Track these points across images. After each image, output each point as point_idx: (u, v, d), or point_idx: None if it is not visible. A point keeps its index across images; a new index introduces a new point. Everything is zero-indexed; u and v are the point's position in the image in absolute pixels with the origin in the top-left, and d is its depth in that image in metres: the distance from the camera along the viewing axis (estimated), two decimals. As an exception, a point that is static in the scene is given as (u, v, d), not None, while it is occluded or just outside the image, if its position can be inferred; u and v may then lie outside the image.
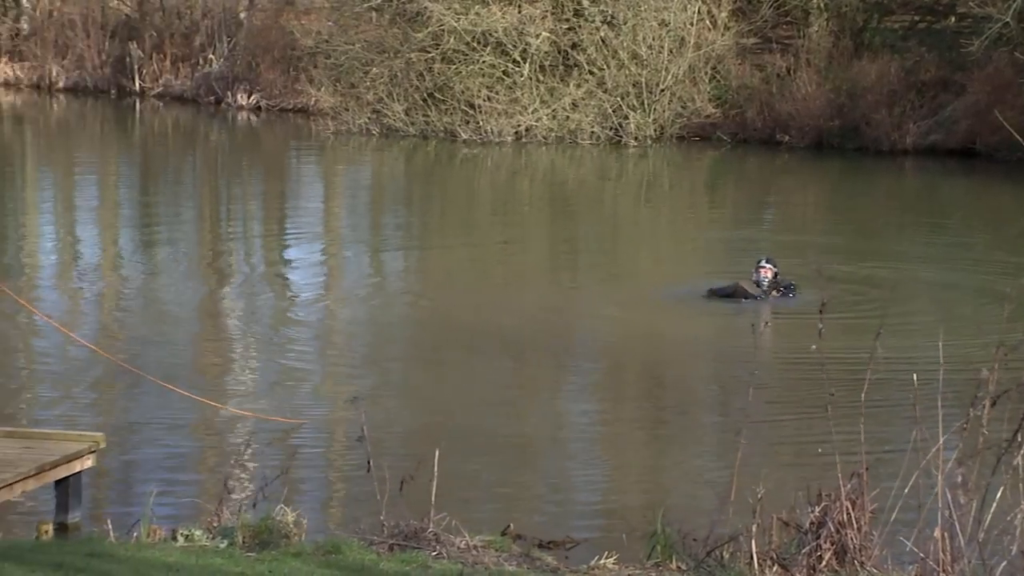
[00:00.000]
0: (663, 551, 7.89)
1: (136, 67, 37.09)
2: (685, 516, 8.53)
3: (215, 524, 8.24)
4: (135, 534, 8.29)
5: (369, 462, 8.54)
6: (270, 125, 34.82)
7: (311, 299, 17.29)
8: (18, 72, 38.27)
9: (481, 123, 31.90)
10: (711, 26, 33.18)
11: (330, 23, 35.02)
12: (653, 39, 32.50)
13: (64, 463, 9.37)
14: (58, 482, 9.44)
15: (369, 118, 32.30)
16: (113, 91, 37.28)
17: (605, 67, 32.43)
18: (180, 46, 37.65)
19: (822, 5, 34.04)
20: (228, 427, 12.05)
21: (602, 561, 7.95)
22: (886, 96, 31.61)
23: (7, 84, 38.21)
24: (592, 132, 32.32)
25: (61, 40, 37.79)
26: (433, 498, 8.23)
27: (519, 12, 32.15)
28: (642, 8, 32.37)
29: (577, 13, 32.68)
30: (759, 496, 7.39)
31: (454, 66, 32.13)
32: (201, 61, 37.13)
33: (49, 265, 19.27)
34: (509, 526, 8.81)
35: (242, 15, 38.18)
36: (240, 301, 17.20)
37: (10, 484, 8.89)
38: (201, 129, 34.80)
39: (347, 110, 32.46)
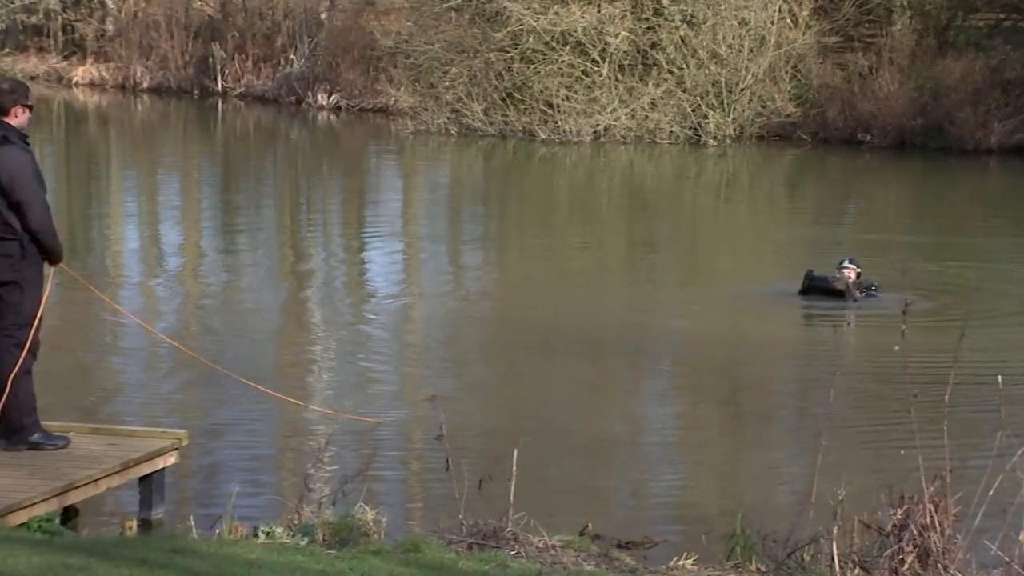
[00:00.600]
0: (743, 552, 7.85)
1: (218, 68, 37.42)
2: (765, 518, 8.48)
3: (295, 522, 8.30)
4: (217, 531, 8.36)
5: (448, 461, 8.57)
6: (350, 125, 35.00)
7: (389, 298, 17.36)
8: (103, 73, 38.74)
9: (559, 123, 31.89)
10: (792, 25, 32.97)
11: (410, 23, 35.16)
12: (733, 38, 32.35)
13: (148, 460, 9.47)
14: (142, 479, 9.55)
15: (448, 118, 32.39)
16: (196, 91, 37.64)
17: (684, 66, 32.32)
18: (262, 47, 37.94)
19: (905, 3, 33.72)
20: (308, 425, 12.13)
21: (681, 562, 7.92)
22: (970, 95, 31.26)
23: (92, 85, 38.68)
24: (671, 132, 32.21)
25: (145, 41, 38.19)
26: (512, 497, 8.24)
27: (598, 11, 32.12)
28: (722, 7, 32.23)
29: (657, 12, 32.59)
30: (840, 498, 7.33)
31: (533, 66, 32.15)
32: (282, 61, 37.40)
33: (132, 264, 19.49)
34: (587, 526, 8.81)
35: (323, 15, 38.42)
36: (319, 299, 17.32)
37: (95, 480, 9.00)
38: (281, 129, 35.05)
39: (426, 110, 32.57)
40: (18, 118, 8.91)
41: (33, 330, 8.93)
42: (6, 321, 8.92)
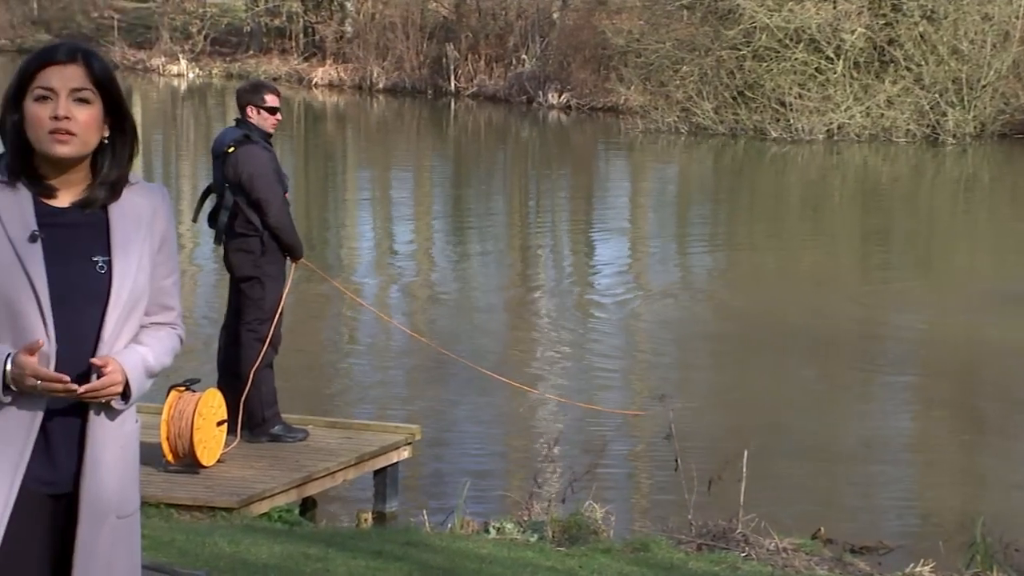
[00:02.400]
0: (983, 561, 7.65)
1: (452, 68, 37.94)
2: (1006, 526, 8.25)
3: (525, 518, 8.37)
4: (449, 525, 8.49)
5: (677, 461, 8.56)
6: (580, 124, 35.12)
7: (617, 296, 17.38)
8: (341, 74, 39.61)
9: (792, 121, 31.48)
10: (1037, 19, 31.94)
11: (641, 22, 35.10)
12: (975, 33, 31.49)
13: (382, 454, 9.66)
14: (376, 472, 9.74)
15: (678, 116, 32.26)
16: (429, 91, 38.23)
17: (923, 63, 31.59)
18: (494, 47, 38.33)
19: None
20: (535, 422, 12.23)
21: (918, 568, 7.76)
22: None
23: (331, 85, 39.59)
24: (907, 130, 31.52)
25: (382, 42, 38.91)
26: (742, 498, 8.18)
27: (834, 8, 31.61)
28: (964, 2, 31.40)
29: (895, 8, 31.92)
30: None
31: (765, 63, 31.80)
32: (514, 61, 37.73)
33: (365, 259, 19.90)
34: (819, 529, 8.69)
35: (555, 15, 38.62)
36: (547, 296, 17.42)
37: (332, 473, 9.22)
38: (512, 128, 35.36)
39: (656, 109, 32.49)
40: (257, 118, 9.16)
41: (274, 325, 9.18)
42: (248, 316, 9.19)
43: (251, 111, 9.14)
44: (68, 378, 3.31)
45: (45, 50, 3.39)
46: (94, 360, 3.34)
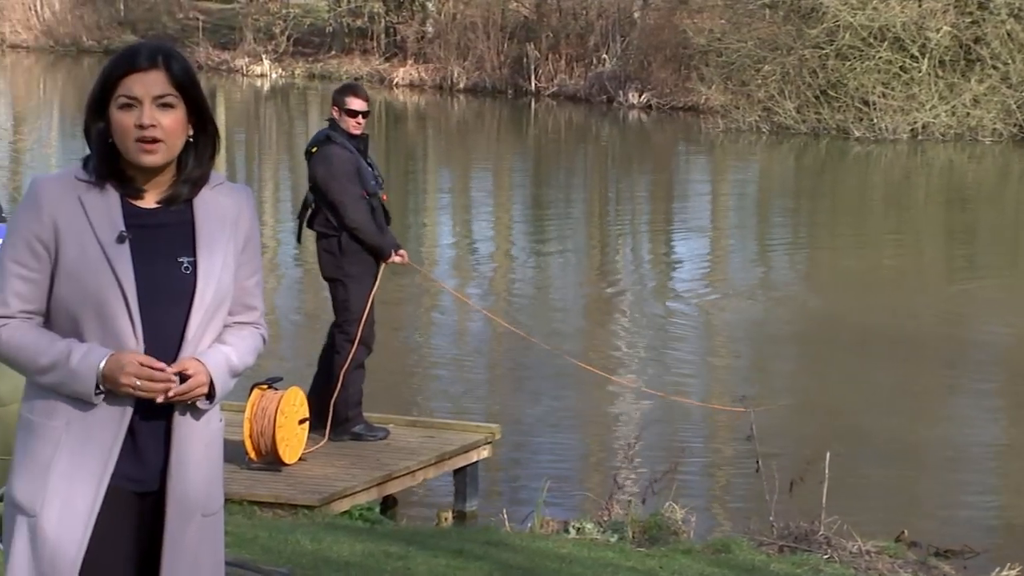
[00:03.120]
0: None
1: (532, 67, 37.96)
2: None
3: (605, 518, 8.37)
4: (528, 524, 8.49)
5: (758, 462, 8.51)
6: (660, 123, 35.02)
7: (697, 296, 17.31)
8: (422, 74, 39.73)
9: (875, 120, 31.20)
10: None
11: (723, 21, 34.93)
12: (1065, 31, 31.06)
13: (462, 453, 9.69)
14: (456, 471, 9.77)
15: (759, 116, 32.07)
16: (510, 91, 38.26)
17: (1010, 61, 31.18)
18: (575, 46, 38.30)
19: None
20: (616, 422, 12.21)
21: (1004, 573, 7.66)
22: None
23: (412, 85, 39.73)
24: (994, 129, 31.13)
25: (463, 42, 39.00)
26: (824, 501, 8.13)
27: (919, 6, 31.28)
28: (1051, -2, 30.99)
29: (981, 6, 31.54)
30: None
31: (848, 62, 31.53)
32: (594, 61, 37.68)
33: (446, 257, 19.96)
34: (903, 532, 8.61)
35: (636, 15, 38.53)
36: (627, 295, 17.39)
37: (413, 471, 9.26)
38: (592, 128, 35.31)
39: (737, 108, 32.32)
40: (343, 119, 9.22)
41: (362, 325, 9.21)
42: (339, 318, 9.26)
43: (335, 112, 9.21)
44: (171, 371, 3.35)
45: (126, 55, 3.41)
46: (178, 366, 3.38)
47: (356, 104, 9.23)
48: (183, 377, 3.38)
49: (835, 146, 30.95)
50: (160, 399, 3.36)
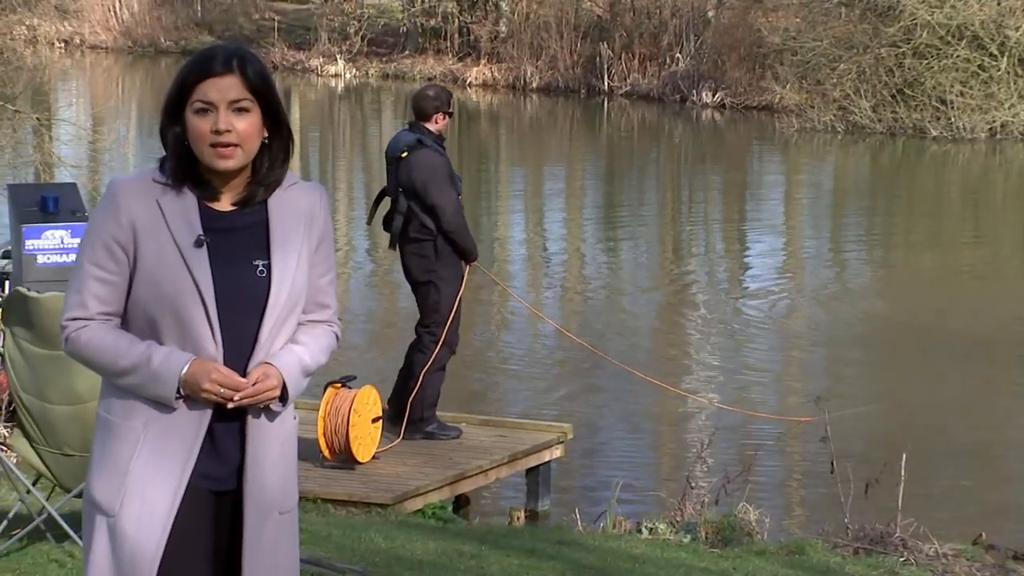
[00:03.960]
0: None
1: (606, 67, 37.90)
2: None
3: (678, 519, 8.33)
4: (601, 524, 8.48)
5: (832, 463, 8.44)
6: (733, 123, 34.86)
7: (770, 295, 17.21)
8: (495, 73, 39.77)
9: (953, 119, 30.89)
10: None
11: (798, 19, 34.70)
12: None
13: (535, 452, 9.69)
14: (529, 470, 9.78)
15: (834, 115, 31.83)
16: (583, 91, 38.22)
17: (1090, 59, 30.78)
18: (648, 45, 38.19)
19: None
20: (688, 421, 12.17)
21: (1083, 577, 7.56)
22: None
23: (485, 85, 39.78)
24: (1074, 128, 30.75)
25: (536, 42, 39.00)
26: (900, 503, 8.05)
27: (998, 4, 30.93)
28: None
29: (1061, 3, 31.17)
30: None
31: (926, 61, 31.23)
32: (668, 60, 37.57)
33: (519, 256, 19.96)
34: (981, 535, 8.51)
35: (710, 14, 38.37)
36: (698, 295, 17.32)
37: (485, 471, 9.27)
38: (665, 127, 35.21)
39: (812, 107, 32.10)
40: (438, 124, 9.24)
41: (447, 327, 9.24)
42: (426, 319, 9.28)
43: (438, 118, 9.18)
44: (248, 383, 3.37)
45: (202, 60, 3.42)
46: (252, 379, 3.39)
47: (453, 107, 9.31)
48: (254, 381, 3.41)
49: (911, 145, 30.66)
50: (230, 405, 3.38)
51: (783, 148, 31.38)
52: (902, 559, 7.56)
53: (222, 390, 3.35)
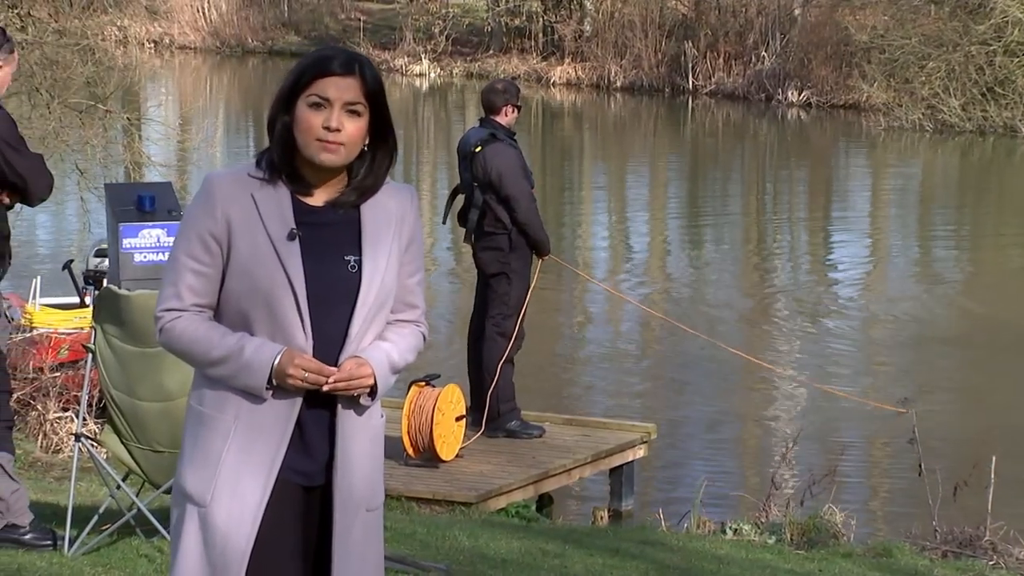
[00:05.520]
0: None
1: (690, 66, 37.75)
2: None
3: (763, 520, 8.29)
4: (685, 524, 8.45)
5: (920, 465, 8.35)
6: (819, 122, 34.59)
7: (856, 294, 17.06)
8: (579, 72, 39.73)
9: (1044, 118, 30.45)
10: None
11: (886, 17, 34.37)
12: None
13: (618, 452, 9.68)
14: (612, 470, 9.76)
15: (923, 114, 31.49)
16: (667, 90, 38.10)
17: None
18: (734, 44, 37.98)
19: None
20: (772, 422, 12.09)
21: None
22: None
23: (569, 84, 39.75)
24: None
25: (620, 41, 38.92)
26: (989, 506, 7.96)
27: (1090, 0, 30.49)
28: None
29: None
30: None
31: (1017, 59, 30.81)
32: (753, 58, 37.35)
33: (602, 255, 19.94)
34: (1072, 540, 8.38)
35: (796, 12, 38.10)
36: (783, 294, 17.20)
37: (568, 470, 9.27)
38: (750, 126, 35.01)
39: (900, 106, 31.78)
40: (507, 117, 9.29)
41: (518, 320, 9.26)
42: (493, 311, 9.29)
43: (507, 110, 9.23)
44: (334, 370, 3.40)
45: (324, 58, 3.47)
46: (343, 365, 3.42)
47: (520, 100, 9.36)
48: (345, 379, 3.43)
49: (1002, 144, 30.27)
50: (325, 388, 3.40)
51: (870, 147, 31.10)
52: (991, 563, 7.48)
53: (306, 374, 3.37)
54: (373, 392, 3.47)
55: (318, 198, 3.51)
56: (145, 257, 7.93)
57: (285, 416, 3.44)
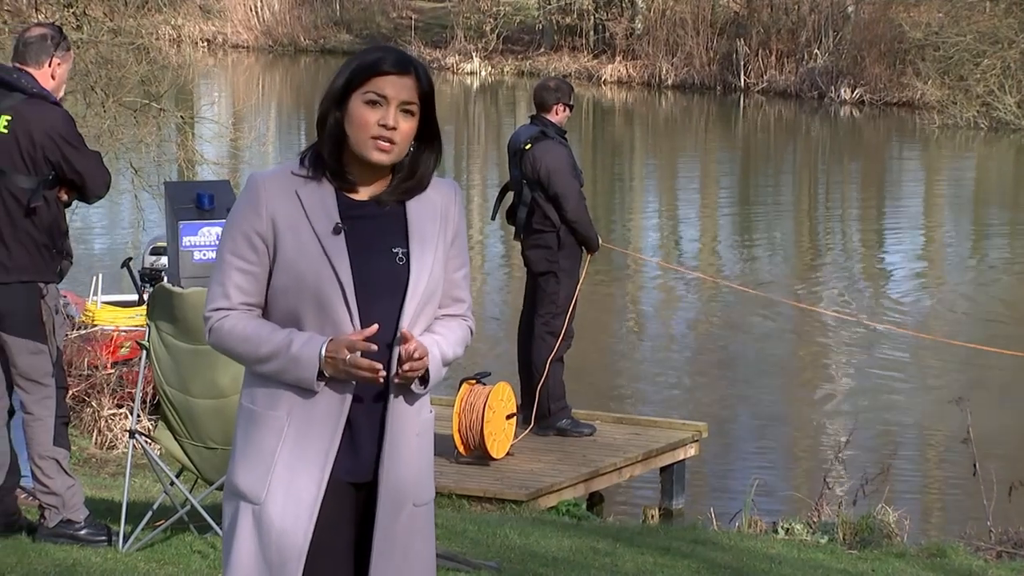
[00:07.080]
0: None
1: (742, 64, 37.61)
2: None
3: (815, 519, 8.25)
4: (736, 524, 8.42)
5: (975, 466, 8.29)
6: (872, 119, 34.38)
7: (908, 293, 16.96)
8: (630, 70, 39.67)
9: (1101, 115, 30.15)
10: None
11: (940, 14, 34.12)
12: None
13: (669, 451, 9.66)
14: (663, 469, 9.74)
15: (978, 111, 31.24)
16: (718, 88, 37.97)
17: None
18: (786, 42, 37.81)
19: None
20: (821, 421, 12.03)
21: None
22: None
23: (620, 82, 39.69)
24: None
25: (672, 39, 38.82)
26: (1044, 507, 7.90)
27: None
28: None
29: None
30: None
31: (1073, 55, 30.54)
32: (806, 56, 37.17)
33: (652, 252, 19.88)
34: None
35: (849, 9, 37.89)
36: (835, 292, 17.11)
37: (619, 468, 9.26)
38: (802, 124, 34.84)
39: (954, 103, 31.54)
40: (559, 115, 9.29)
41: (567, 319, 9.26)
42: (542, 309, 9.29)
43: (559, 109, 9.23)
44: (381, 366, 3.40)
45: (380, 57, 3.48)
46: (403, 332, 3.41)
47: (573, 99, 9.36)
48: (406, 356, 3.40)
49: (1057, 142, 30.00)
50: (384, 373, 3.39)
51: (924, 144, 30.89)
52: (1047, 564, 7.41)
53: (356, 352, 3.35)
54: (425, 380, 3.48)
55: (362, 194, 3.52)
56: (204, 255, 7.98)
57: (337, 412, 3.45)
